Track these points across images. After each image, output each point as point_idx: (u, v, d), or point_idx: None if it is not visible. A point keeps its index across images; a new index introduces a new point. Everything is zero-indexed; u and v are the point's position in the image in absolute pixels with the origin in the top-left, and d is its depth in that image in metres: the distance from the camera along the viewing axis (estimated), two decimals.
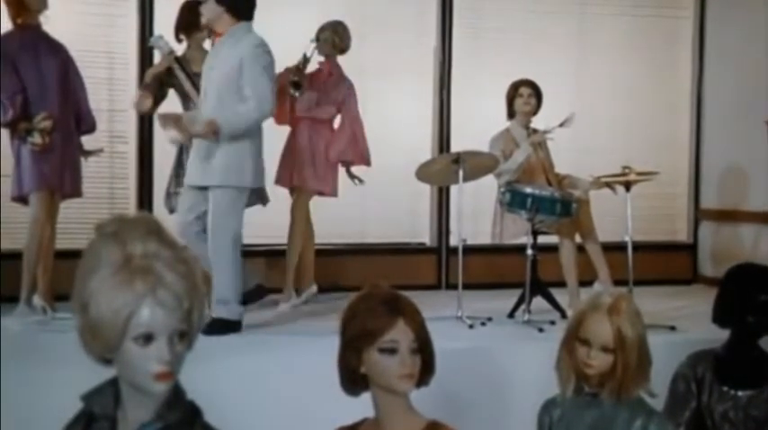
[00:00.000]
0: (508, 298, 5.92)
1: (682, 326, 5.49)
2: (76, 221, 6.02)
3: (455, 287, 5.70)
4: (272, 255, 6.59)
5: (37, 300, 5.45)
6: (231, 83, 4.95)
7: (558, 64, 7.45)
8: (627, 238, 5.64)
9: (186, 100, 5.68)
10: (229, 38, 5.02)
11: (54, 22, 5.58)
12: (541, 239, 5.94)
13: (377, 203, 7.11)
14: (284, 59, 6.09)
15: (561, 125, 5.94)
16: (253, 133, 5.09)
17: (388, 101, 7.13)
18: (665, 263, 7.60)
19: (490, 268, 6.98)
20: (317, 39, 6.16)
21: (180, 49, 5.77)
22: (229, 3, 4.99)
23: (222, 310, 5.02)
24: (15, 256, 5.51)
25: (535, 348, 4.78)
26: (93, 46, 6.42)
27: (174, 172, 5.78)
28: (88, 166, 5.84)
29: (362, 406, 2.36)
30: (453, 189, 6.68)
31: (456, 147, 6.81)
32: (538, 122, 6.17)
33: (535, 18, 7.54)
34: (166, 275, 1.68)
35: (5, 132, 5.50)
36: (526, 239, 5.70)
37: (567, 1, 7.65)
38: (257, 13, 6.80)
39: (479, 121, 6.89)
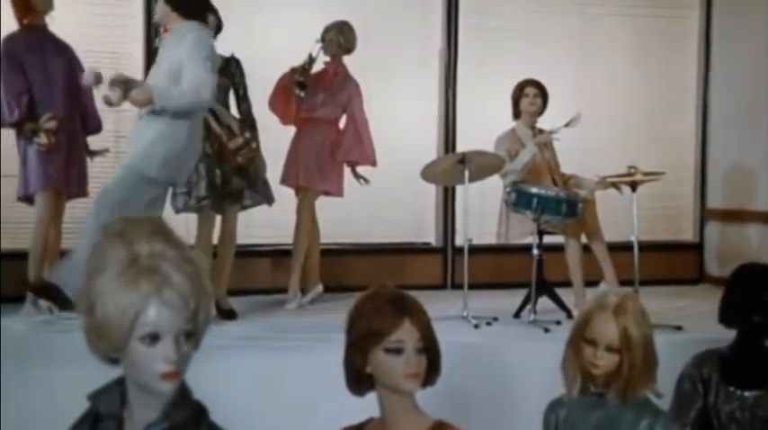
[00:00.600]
0: (514, 298, 5.92)
1: (688, 326, 5.48)
2: (82, 221, 6.02)
3: (461, 287, 5.70)
4: (278, 254, 6.59)
5: (43, 300, 5.45)
6: (172, 81, 4.81)
7: (563, 64, 7.45)
8: (633, 238, 5.63)
9: None
10: (173, 36, 4.93)
11: (60, 23, 5.59)
12: (547, 239, 5.93)
13: (382, 203, 7.11)
14: (290, 60, 6.11)
15: (567, 125, 5.94)
16: (177, 125, 4.85)
17: (393, 101, 7.13)
18: (671, 263, 7.59)
19: (496, 268, 6.97)
20: (323, 39, 6.15)
21: None
22: (174, 2, 4.95)
23: None
24: (21, 256, 5.52)
25: (541, 348, 4.78)
26: (98, 46, 6.42)
27: None
28: (94, 167, 5.85)
29: (368, 406, 2.36)
30: (459, 189, 6.68)
31: (461, 147, 6.81)
32: (543, 122, 6.16)
33: (540, 18, 7.53)
34: (173, 275, 1.68)
35: (7, 132, 5.52)
36: (532, 239, 5.70)
37: (571, 1, 7.65)
38: (264, 14, 6.89)
39: (485, 122, 6.88)
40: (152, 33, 6.45)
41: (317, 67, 6.17)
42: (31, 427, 3.98)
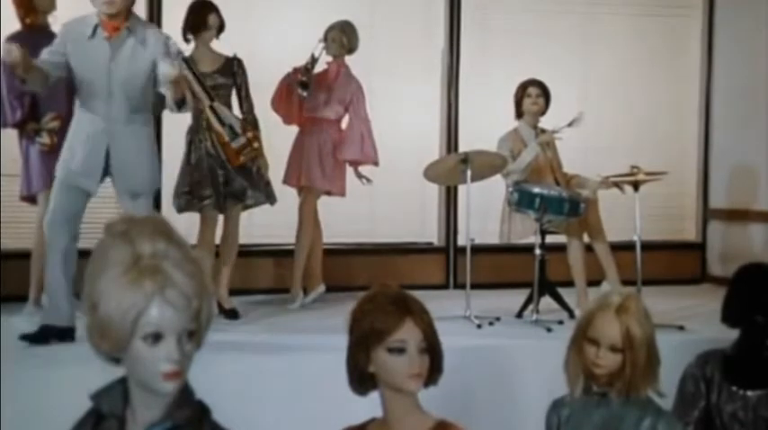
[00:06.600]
0: (516, 297, 5.92)
1: (690, 325, 5.48)
2: (85, 221, 6.01)
3: (463, 286, 5.70)
4: (280, 254, 6.59)
5: (45, 300, 5.46)
6: (147, 82, 4.75)
7: (566, 63, 7.44)
8: (635, 238, 5.64)
9: (195, 100, 5.68)
10: (129, 33, 4.74)
11: (62, 23, 5.58)
12: (549, 239, 5.93)
13: (385, 203, 7.11)
14: (292, 59, 6.12)
15: (569, 125, 5.94)
16: (79, 122, 4.81)
17: (396, 100, 7.12)
18: (674, 262, 7.58)
19: (498, 268, 6.97)
20: (325, 39, 6.15)
21: (188, 49, 5.78)
22: None
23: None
24: (24, 256, 5.53)
25: (543, 348, 4.78)
26: None
27: (182, 171, 5.79)
28: None
29: (371, 405, 2.36)
30: (461, 188, 6.67)
31: (464, 146, 6.80)
32: (546, 122, 6.16)
33: (543, 18, 7.53)
34: (175, 275, 1.68)
35: (7, 132, 5.52)
36: (534, 239, 5.70)
37: (574, 1, 7.64)
38: (266, 14, 6.89)
39: (487, 121, 6.88)
40: None
41: (319, 67, 6.17)
42: (32, 427, 3.98)
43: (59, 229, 4.74)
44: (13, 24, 5.50)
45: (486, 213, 6.65)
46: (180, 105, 4.72)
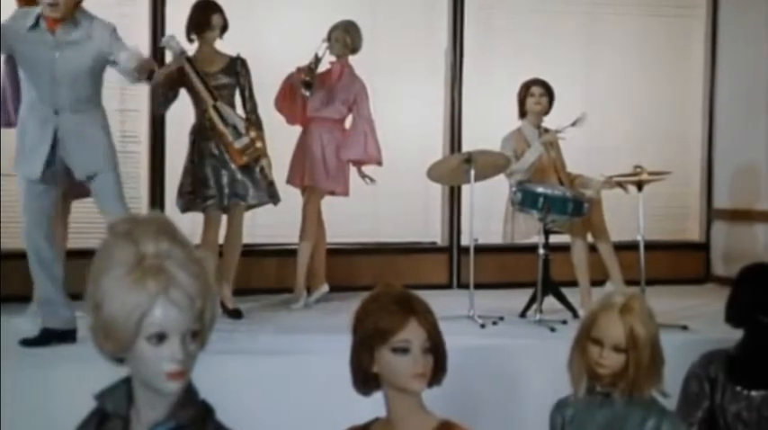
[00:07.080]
0: (520, 297, 5.91)
1: (694, 325, 5.47)
2: (89, 221, 6.03)
3: (467, 286, 5.70)
4: (284, 254, 6.59)
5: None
6: (94, 74, 4.75)
7: (569, 63, 7.44)
8: (639, 238, 5.63)
9: (198, 99, 5.69)
10: (75, 26, 4.69)
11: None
12: (553, 239, 5.92)
13: (388, 202, 7.10)
14: (296, 59, 6.12)
15: (573, 124, 5.93)
16: (29, 112, 4.75)
17: (399, 100, 7.12)
18: (678, 262, 7.58)
19: (502, 267, 6.96)
20: (329, 38, 6.15)
21: (191, 48, 5.78)
22: None
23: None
24: (24, 256, 5.49)
25: (547, 347, 4.78)
26: None
27: (185, 170, 5.79)
28: None
29: (374, 405, 2.36)
30: (465, 188, 6.67)
31: (467, 146, 6.80)
32: (549, 122, 6.16)
33: (546, 17, 7.52)
34: (179, 275, 1.68)
35: (7, 132, 5.52)
36: (538, 239, 5.70)
37: (578, 1, 7.64)
38: (270, 14, 6.89)
39: (491, 121, 6.88)
40: (158, 34, 6.45)
41: (322, 67, 6.17)
42: (32, 427, 3.98)
43: (30, 232, 4.74)
44: None
45: (489, 213, 6.65)
46: (148, 77, 4.76)
